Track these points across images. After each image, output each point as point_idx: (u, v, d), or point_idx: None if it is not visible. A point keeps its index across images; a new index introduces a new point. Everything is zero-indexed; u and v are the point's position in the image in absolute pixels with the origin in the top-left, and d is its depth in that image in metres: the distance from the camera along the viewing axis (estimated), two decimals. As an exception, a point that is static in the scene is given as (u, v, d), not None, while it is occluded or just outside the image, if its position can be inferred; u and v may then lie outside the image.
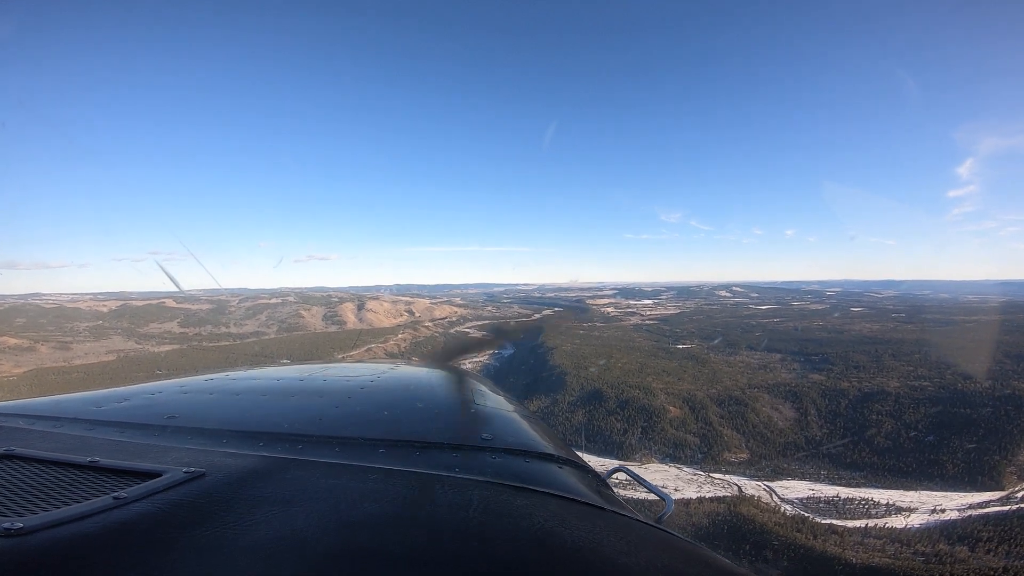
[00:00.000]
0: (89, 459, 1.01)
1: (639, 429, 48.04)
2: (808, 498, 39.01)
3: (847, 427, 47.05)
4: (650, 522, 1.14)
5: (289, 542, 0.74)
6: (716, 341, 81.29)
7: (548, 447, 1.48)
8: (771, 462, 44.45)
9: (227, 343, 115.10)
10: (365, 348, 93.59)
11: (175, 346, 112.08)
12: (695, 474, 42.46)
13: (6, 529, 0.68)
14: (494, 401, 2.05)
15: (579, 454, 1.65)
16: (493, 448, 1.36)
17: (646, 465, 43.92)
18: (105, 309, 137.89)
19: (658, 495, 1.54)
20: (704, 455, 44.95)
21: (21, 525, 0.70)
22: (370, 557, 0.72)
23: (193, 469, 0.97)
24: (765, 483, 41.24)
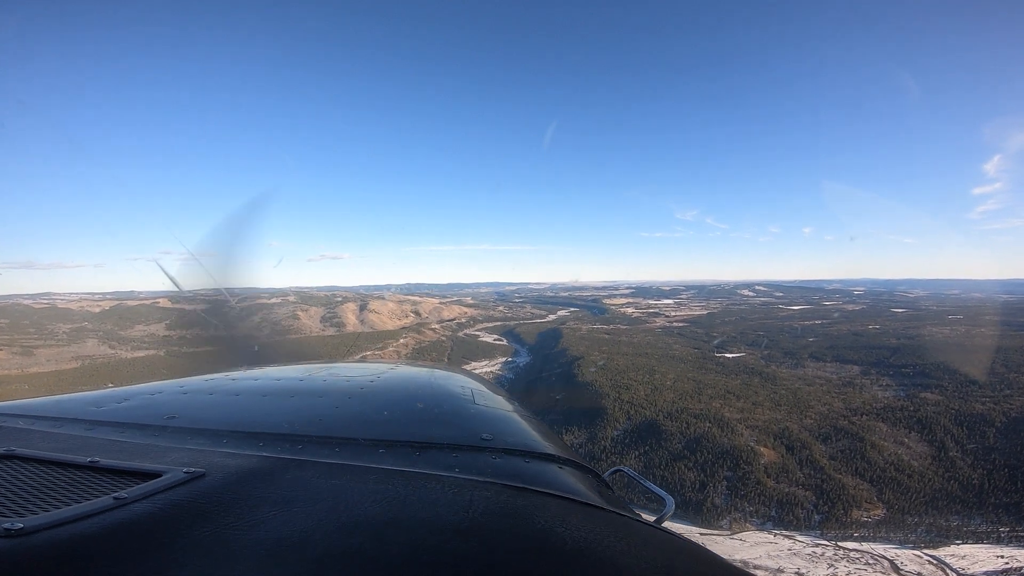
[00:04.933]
0: (89, 459, 1.01)
1: (723, 481, 35.19)
2: (1005, 571, 27.19)
3: (1010, 465, 34.52)
4: (650, 522, 1.13)
5: (289, 543, 0.73)
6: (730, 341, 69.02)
7: (548, 447, 1.47)
8: (921, 519, 32.09)
9: (208, 348, 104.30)
10: (359, 356, 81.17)
11: (151, 352, 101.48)
12: (818, 544, 30.08)
13: (6, 529, 0.68)
14: (494, 401, 2.03)
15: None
16: (493, 448, 1.35)
17: (740, 535, 31.28)
18: (97, 310, 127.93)
19: (658, 495, 1.52)
20: (824, 516, 32.45)
21: (21, 525, 0.69)
22: (370, 558, 0.71)
23: (193, 469, 0.97)
24: (927, 552, 29.28)
